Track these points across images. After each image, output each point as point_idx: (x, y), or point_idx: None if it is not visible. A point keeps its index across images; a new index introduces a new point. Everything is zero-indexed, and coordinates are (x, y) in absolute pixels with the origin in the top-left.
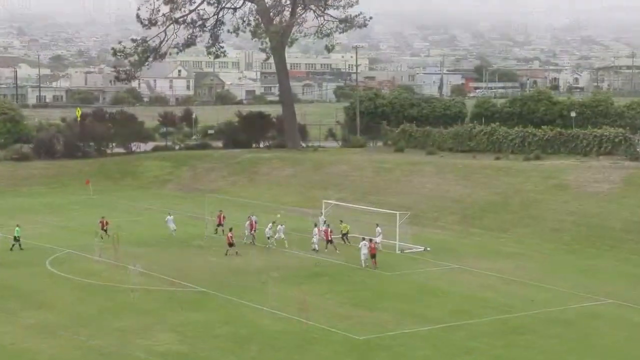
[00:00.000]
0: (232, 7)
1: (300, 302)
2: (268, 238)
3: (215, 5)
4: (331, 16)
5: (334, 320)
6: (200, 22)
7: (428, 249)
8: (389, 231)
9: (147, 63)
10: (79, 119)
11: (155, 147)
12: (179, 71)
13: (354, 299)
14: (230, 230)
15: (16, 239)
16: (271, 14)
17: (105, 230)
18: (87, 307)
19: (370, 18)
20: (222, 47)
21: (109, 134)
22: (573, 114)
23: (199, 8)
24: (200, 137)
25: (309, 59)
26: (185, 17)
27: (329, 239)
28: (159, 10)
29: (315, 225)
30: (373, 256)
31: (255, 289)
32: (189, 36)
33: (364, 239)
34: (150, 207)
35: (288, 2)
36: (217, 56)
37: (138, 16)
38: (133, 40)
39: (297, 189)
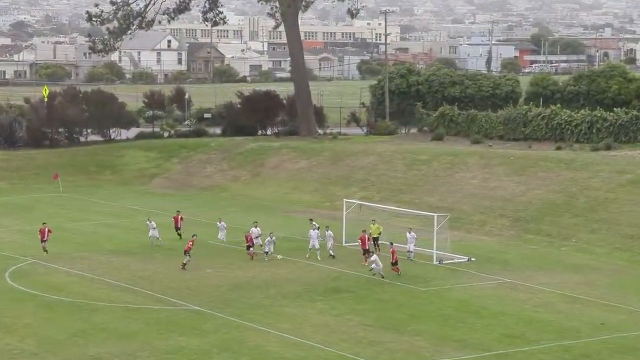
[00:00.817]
0: None
1: None
2: (266, 253)
3: None
4: None
5: (357, 346)
6: None
7: (472, 259)
8: (424, 237)
9: (129, 32)
10: (46, 99)
11: (140, 134)
12: (169, 42)
13: (382, 321)
14: (193, 236)
15: None
16: None
17: (45, 241)
18: (55, 330)
19: None
20: (222, 13)
21: (83, 118)
22: None
23: None
24: (194, 122)
25: (327, 26)
26: None
27: (367, 247)
28: None
29: (327, 228)
30: (395, 263)
31: (261, 307)
32: None
33: (391, 244)
34: (133, 208)
35: None
36: (215, 23)
37: None
38: (112, 3)
39: (313, 186)
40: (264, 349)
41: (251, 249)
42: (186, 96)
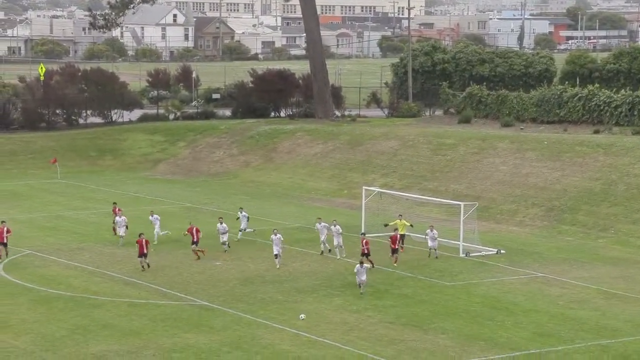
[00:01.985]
0: None
1: None
2: (276, 256)
3: None
4: None
5: (377, 344)
6: None
7: (502, 251)
8: (450, 228)
9: (132, 5)
10: (42, 78)
11: (143, 116)
12: (175, 16)
13: (404, 317)
14: (140, 235)
15: None
16: None
17: (5, 244)
18: (53, 326)
19: None
20: None
21: (82, 99)
22: None
23: None
24: (202, 103)
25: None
26: None
27: (396, 247)
28: None
29: (319, 220)
30: (365, 254)
31: (275, 302)
32: None
33: (363, 234)
34: (136, 195)
35: None
36: None
37: None
38: None
39: (329, 172)
40: (277, 348)
41: (194, 245)
42: (193, 75)
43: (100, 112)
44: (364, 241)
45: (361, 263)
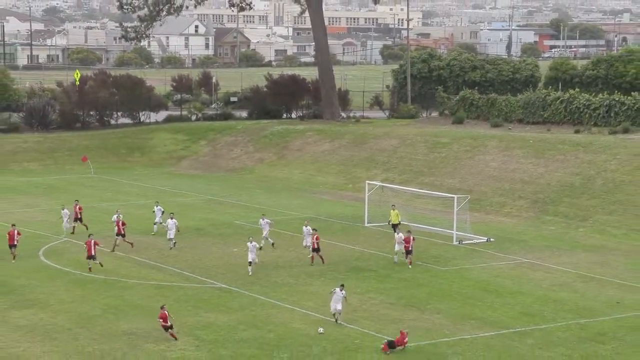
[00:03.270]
0: None
1: None
2: (250, 263)
3: None
4: None
5: (379, 323)
6: None
7: (491, 239)
8: (445, 219)
9: (159, 18)
10: (77, 83)
11: (168, 117)
12: (196, 27)
13: (403, 299)
14: (90, 235)
15: None
16: None
17: (14, 246)
18: (88, 306)
19: None
20: None
21: (113, 102)
22: None
23: None
24: (221, 105)
25: (350, 12)
26: None
27: (410, 248)
28: None
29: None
30: (316, 250)
31: (286, 285)
32: None
33: (315, 230)
34: (162, 189)
35: None
36: (241, 9)
37: None
38: None
39: (336, 168)
40: (288, 326)
41: (119, 237)
42: (213, 80)
43: (130, 113)
44: (315, 236)
45: (341, 286)
